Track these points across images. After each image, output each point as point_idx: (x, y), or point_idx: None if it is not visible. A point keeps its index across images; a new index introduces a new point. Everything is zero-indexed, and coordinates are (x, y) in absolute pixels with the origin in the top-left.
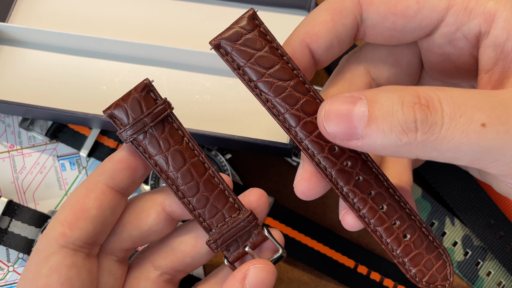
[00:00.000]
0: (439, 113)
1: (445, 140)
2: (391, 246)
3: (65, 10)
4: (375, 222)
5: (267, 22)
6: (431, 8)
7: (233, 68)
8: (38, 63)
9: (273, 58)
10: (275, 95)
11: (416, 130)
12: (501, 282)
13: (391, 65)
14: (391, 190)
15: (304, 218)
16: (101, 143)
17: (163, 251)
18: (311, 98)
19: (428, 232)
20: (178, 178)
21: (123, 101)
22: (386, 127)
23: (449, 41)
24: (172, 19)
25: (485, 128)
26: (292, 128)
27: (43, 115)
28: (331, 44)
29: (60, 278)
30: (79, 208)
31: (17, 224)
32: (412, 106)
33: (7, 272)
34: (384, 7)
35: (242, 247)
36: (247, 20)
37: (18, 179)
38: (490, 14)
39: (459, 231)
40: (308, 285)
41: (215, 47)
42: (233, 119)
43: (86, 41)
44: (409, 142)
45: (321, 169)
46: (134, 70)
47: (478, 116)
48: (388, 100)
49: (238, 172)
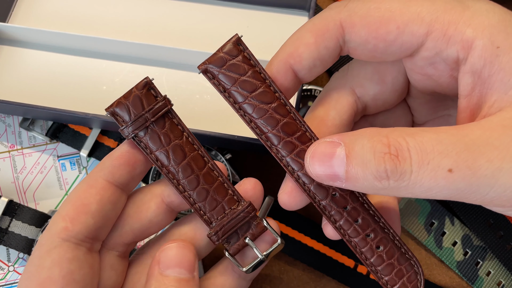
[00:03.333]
0: (408, 162)
1: (415, 185)
2: (365, 256)
3: (65, 10)
4: (350, 233)
5: (266, 22)
6: (411, 33)
7: (219, 91)
8: (38, 63)
9: (255, 82)
10: (257, 116)
11: (387, 178)
12: (500, 282)
13: (376, 82)
14: (365, 205)
15: (304, 218)
16: (101, 143)
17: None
18: (291, 120)
19: (401, 245)
20: (178, 172)
21: (125, 98)
22: (361, 174)
23: (429, 63)
24: (172, 19)
25: (452, 173)
26: (274, 147)
27: (43, 115)
28: (314, 65)
29: (61, 271)
30: (80, 203)
31: (18, 224)
32: (382, 156)
33: (7, 272)
34: (365, 31)
35: (242, 238)
36: (232, 46)
37: (18, 179)
38: (468, 42)
39: (459, 231)
40: (308, 285)
41: (202, 71)
42: (232, 119)
43: (86, 41)
44: (383, 187)
45: (300, 184)
46: (134, 70)
47: (445, 162)
48: (363, 149)
49: (238, 172)
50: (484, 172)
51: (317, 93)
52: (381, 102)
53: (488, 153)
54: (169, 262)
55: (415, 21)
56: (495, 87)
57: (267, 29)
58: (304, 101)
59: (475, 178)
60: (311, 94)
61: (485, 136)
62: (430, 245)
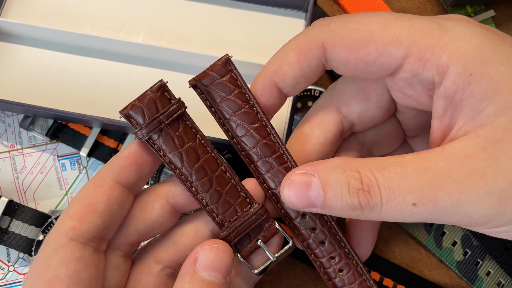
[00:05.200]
0: (378, 197)
1: (385, 216)
2: (328, 276)
3: (60, 5)
4: (316, 253)
5: (263, 22)
6: (389, 56)
7: (207, 106)
8: (34, 60)
9: (239, 103)
10: (240, 134)
11: (362, 209)
12: (500, 282)
13: (361, 100)
14: (333, 230)
15: None
16: (101, 143)
17: (164, 245)
18: (270, 141)
19: (363, 272)
20: (192, 175)
21: (139, 101)
22: (338, 205)
23: (408, 84)
24: (169, 18)
25: (416, 206)
26: (252, 164)
27: (40, 113)
28: (297, 82)
29: (68, 270)
30: (87, 202)
31: (18, 224)
32: (356, 192)
33: (8, 272)
34: (345, 53)
35: (254, 241)
36: (220, 66)
37: (18, 179)
38: (443, 67)
39: (459, 231)
40: (308, 285)
41: (192, 86)
42: None
43: (84, 39)
44: (358, 215)
45: (273, 202)
46: (131, 69)
47: (409, 197)
48: (338, 184)
49: (237, 172)
50: (444, 204)
51: (317, 93)
52: (368, 119)
53: (448, 186)
54: (206, 263)
55: (394, 44)
56: (464, 112)
57: (264, 29)
58: (304, 101)
59: (436, 209)
60: (311, 94)
61: (447, 168)
62: (430, 245)
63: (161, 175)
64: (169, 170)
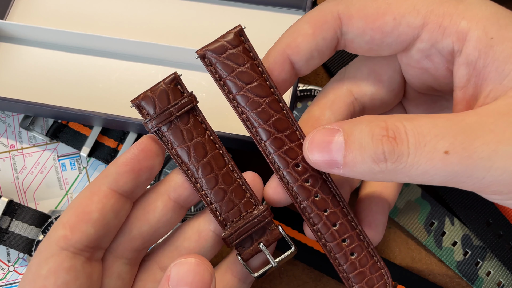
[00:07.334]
0: (405, 144)
1: (413, 168)
2: (339, 261)
3: (63, 7)
4: (326, 237)
5: (262, 21)
6: (407, 25)
7: (215, 79)
8: (35, 60)
9: (253, 74)
10: (250, 109)
11: (385, 160)
12: (500, 282)
13: (373, 83)
14: (345, 210)
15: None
16: (102, 143)
17: (167, 250)
18: (283, 117)
19: (374, 253)
20: (198, 170)
21: (151, 92)
22: (359, 158)
23: (425, 56)
24: (169, 17)
25: (448, 155)
26: (262, 142)
27: (41, 112)
28: (311, 56)
29: (57, 281)
30: (81, 210)
31: (18, 224)
32: (380, 139)
33: (8, 272)
34: (362, 23)
35: (256, 244)
36: (234, 36)
37: (18, 179)
38: (462, 33)
39: (459, 231)
40: (308, 285)
41: (200, 57)
42: (228, 117)
43: (83, 39)
44: (381, 170)
45: (284, 182)
46: (130, 67)
47: (441, 144)
48: (361, 133)
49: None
50: (480, 154)
51: (317, 93)
52: (379, 102)
53: (484, 136)
54: (178, 280)
55: (411, 13)
56: (490, 77)
57: (263, 28)
58: (304, 101)
59: (471, 161)
60: (311, 94)
61: (481, 121)
62: (430, 245)
63: (161, 175)
64: (169, 170)
